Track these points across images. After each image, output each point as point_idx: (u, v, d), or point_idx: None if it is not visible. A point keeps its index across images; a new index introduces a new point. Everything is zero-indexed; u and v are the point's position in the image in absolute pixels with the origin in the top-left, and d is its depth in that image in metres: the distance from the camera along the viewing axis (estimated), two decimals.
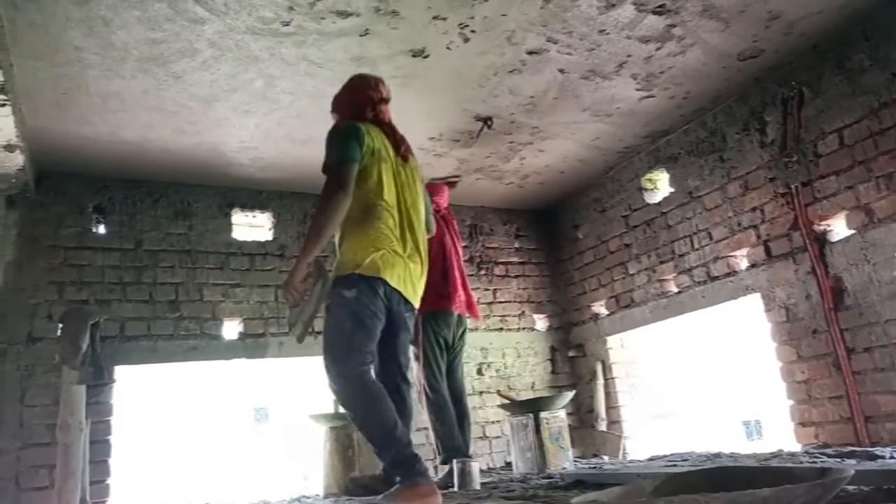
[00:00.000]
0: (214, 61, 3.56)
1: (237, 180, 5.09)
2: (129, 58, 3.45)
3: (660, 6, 3.48)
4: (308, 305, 2.47)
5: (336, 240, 2.54)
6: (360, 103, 2.75)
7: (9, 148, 3.76)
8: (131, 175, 4.81)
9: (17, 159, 3.92)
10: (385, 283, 2.41)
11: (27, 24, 3.09)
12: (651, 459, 4.16)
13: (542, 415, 3.95)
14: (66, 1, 2.96)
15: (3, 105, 3.30)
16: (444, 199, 4.09)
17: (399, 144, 2.72)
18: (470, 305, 3.89)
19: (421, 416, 5.32)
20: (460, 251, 4.02)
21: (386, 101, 2.82)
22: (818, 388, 3.98)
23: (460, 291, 3.81)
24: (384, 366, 2.64)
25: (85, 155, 4.44)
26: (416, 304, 2.61)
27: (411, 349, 3.60)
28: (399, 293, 2.48)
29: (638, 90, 4.37)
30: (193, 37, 3.33)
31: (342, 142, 2.51)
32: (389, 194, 2.54)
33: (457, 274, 3.84)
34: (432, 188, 4.03)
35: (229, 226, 5.15)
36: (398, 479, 2.30)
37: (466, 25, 3.48)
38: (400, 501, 2.21)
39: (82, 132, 4.16)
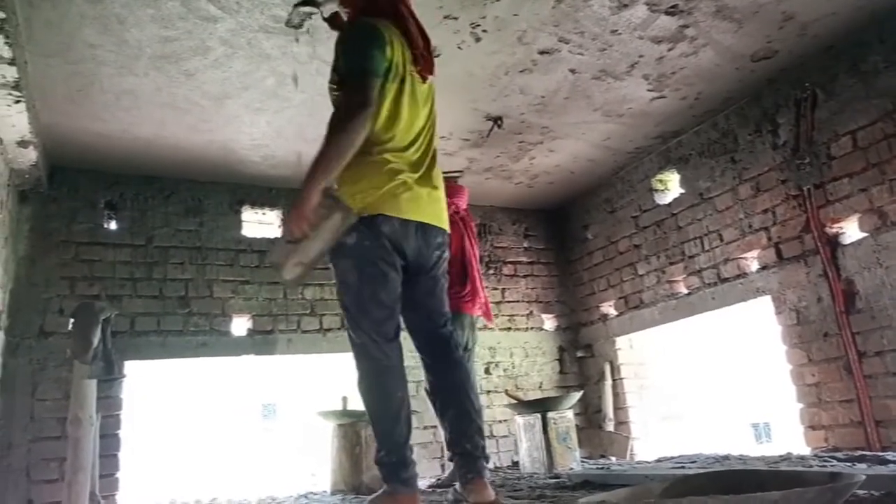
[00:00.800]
0: (227, 59, 3.57)
1: (248, 177, 5.11)
2: (142, 55, 3.47)
3: (672, 7, 3.47)
4: (313, 242, 1.97)
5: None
6: None
7: (22, 144, 3.79)
8: (143, 171, 4.84)
9: (31, 155, 3.95)
10: (388, 217, 2.01)
11: (42, 22, 3.11)
12: (659, 461, 4.15)
13: (550, 415, 3.95)
14: None
15: (18, 101, 3.33)
16: (464, 201, 4.07)
17: (419, 55, 2.17)
18: (486, 308, 3.89)
19: (428, 413, 5.34)
20: (477, 253, 4.01)
21: None
22: (829, 392, 3.95)
23: (480, 294, 3.81)
24: (416, 323, 2.22)
25: (97, 151, 4.48)
26: (444, 226, 2.17)
27: None
28: (415, 223, 2.06)
29: (649, 91, 4.35)
30: (206, 35, 3.35)
31: (363, 47, 2.01)
32: (400, 123, 2.08)
33: (476, 276, 3.83)
34: (451, 189, 4.02)
35: (239, 223, 5.17)
36: (382, 479, 2.11)
37: (478, 25, 3.48)
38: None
39: (95, 129, 4.19)
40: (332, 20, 2.31)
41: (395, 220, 2.02)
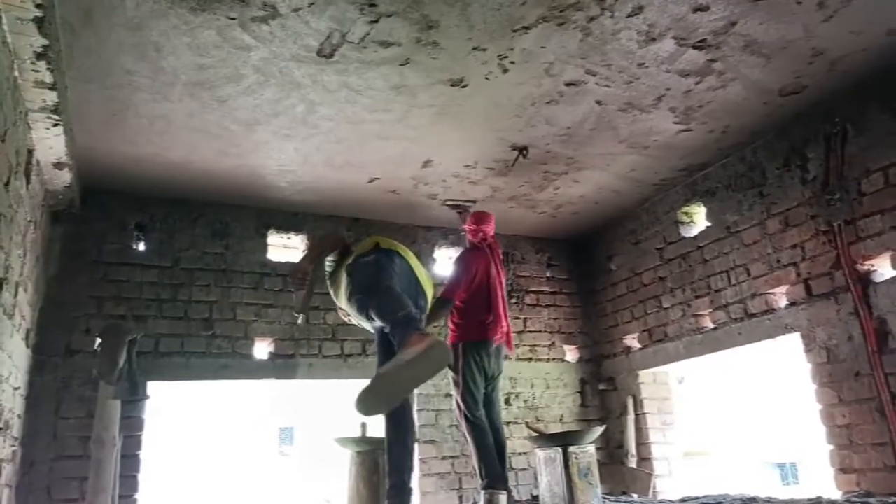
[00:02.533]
0: (258, 87, 3.65)
1: (274, 202, 5.17)
2: (177, 82, 3.56)
3: (700, 41, 3.47)
4: (309, 286, 3.26)
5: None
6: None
7: (58, 166, 3.89)
8: (173, 194, 4.93)
9: (65, 177, 4.05)
10: (387, 250, 3.17)
11: (83, 49, 3.21)
12: (683, 500, 4.04)
13: (571, 449, 3.87)
14: (121, 27, 3.08)
15: (56, 125, 3.43)
16: (491, 228, 4.06)
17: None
18: (508, 338, 3.85)
19: (446, 444, 5.29)
20: (503, 281, 3.99)
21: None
22: (860, 434, 3.83)
23: (503, 322, 3.77)
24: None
25: (130, 174, 4.57)
26: (395, 249, 3.20)
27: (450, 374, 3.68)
28: (392, 251, 3.19)
29: (676, 123, 4.34)
30: (240, 63, 3.42)
31: None
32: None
33: (500, 304, 3.81)
34: (481, 216, 4.02)
35: (264, 246, 5.22)
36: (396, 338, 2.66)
37: (506, 56, 3.52)
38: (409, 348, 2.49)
39: (128, 152, 4.28)
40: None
41: (388, 251, 3.25)
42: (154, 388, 4.51)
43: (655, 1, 3.15)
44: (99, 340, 3.43)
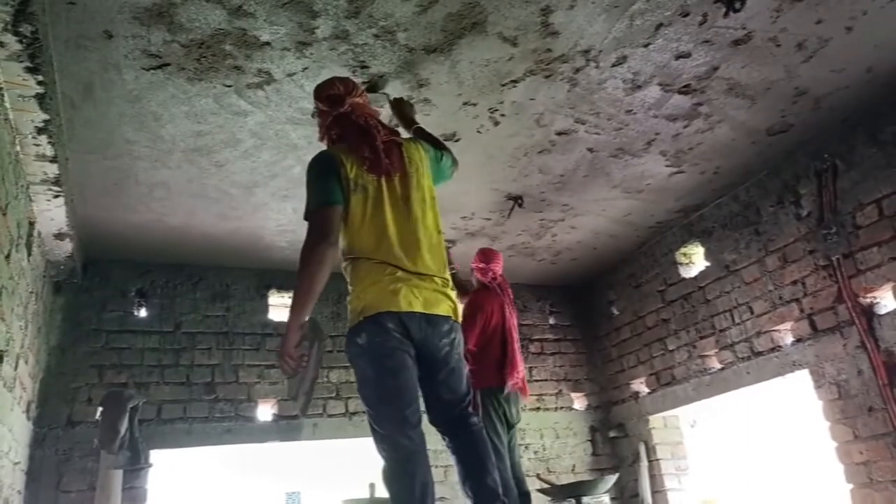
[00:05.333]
0: (255, 150, 3.72)
1: (274, 262, 5.20)
2: (175, 149, 3.63)
3: (685, 86, 3.56)
4: (307, 372, 2.23)
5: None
6: (326, 112, 2.54)
7: (59, 237, 3.93)
8: (173, 259, 4.96)
9: (67, 247, 4.09)
10: (391, 314, 2.10)
11: (83, 122, 3.29)
12: None
13: (585, 500, 3.79)
14: (120, 100, 3.16)
15: (57, 196, 3.48)
16: (500, 266, 4.01)
17: (379, 159, 2.34)
18: (523, 383, 3.73)
19: (457, 500, 5.15)
20: (516, 322, 3.89)
21: (350, 94, 2.53)
22: (879, 471, 3.74)
23: (519, 367, 3.67)
24: (435, 413, 2.27)
25: (130, 241, 4.61)
26: (447, 314, 2.22)
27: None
28: (417, 315, 2.14)
29: (667, 166, 4.40)
30: (236, 128, 3.50)
31: (318, 179, 2.31)
32: (378, 227, 2.24)
33: (516, 348, 3.71)
34: (488, 255, 3.98)
35: (266, 307, 5.22)
36: None
37: (496, 110, 3.60)
38: None
39: (128, 219, 4.33)
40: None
41: (397, 315, 2.12)
42: (157, 456, 4.43)
43: (638, 51, 3.24)
44: (100, 408, 3.39)
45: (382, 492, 3.83)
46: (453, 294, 2.30)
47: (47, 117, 2.82)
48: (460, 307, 2.35)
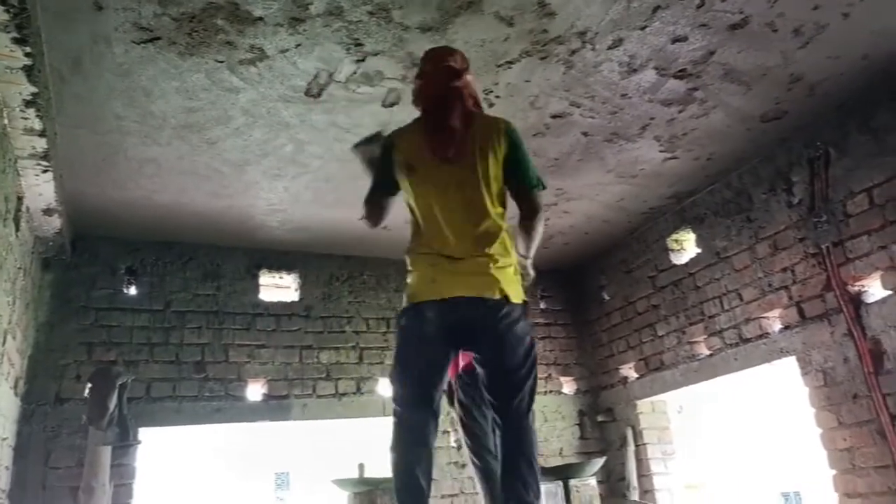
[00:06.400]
0: (247, 128, 3.68)
1: (265, 242, 5.17)
2: (166, 125, 3.59)
3: (681, 71, 3.54)
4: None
5: None
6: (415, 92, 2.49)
7: (48, 212, 3.89)
8: (163, 237, 4.92)
9: (55, 223, 4.05)
10: (431, 302, 2.16)
11: (72, 96, 3.24)
12: None
13: (572, 482, 3.81)
14: (110, 73, 3.11)
15: (45, 171, 3.44)
16: None
17: (439, 145, 2.28)
18: None
19: (446, 482, 5.19)
20: None
21: (430, 72, 2.40)
22: (862, 457, 3.79)
23: None
24: (491, 389, 2.23)
25: (119, 218, 4.57)
26: (492, 295, 2.15)
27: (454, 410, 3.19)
28: (463, 299, 2.14)
29: (661, 152, 4.40)
30: (228, 105, 3.46)
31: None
32: (424, 212, 2.28)
33: None
34: None
35: (256, 287, 5.20)
36: None
37: (491, 91, 3.57)
38: None
39: (118, 196, 4.29)
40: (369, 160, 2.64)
41: (436, 304, 2.16)
42: (146, 434, 4.43)
43: (634, 33, 3.22)
44: (89, 385, 3.38)
45: (371, 472, 3.86)
46: (506, 273, 2.22)
47: (35, 90, 2.78)
48: (516, 286, 2.25)
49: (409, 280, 2.30)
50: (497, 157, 2.33)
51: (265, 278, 5.28)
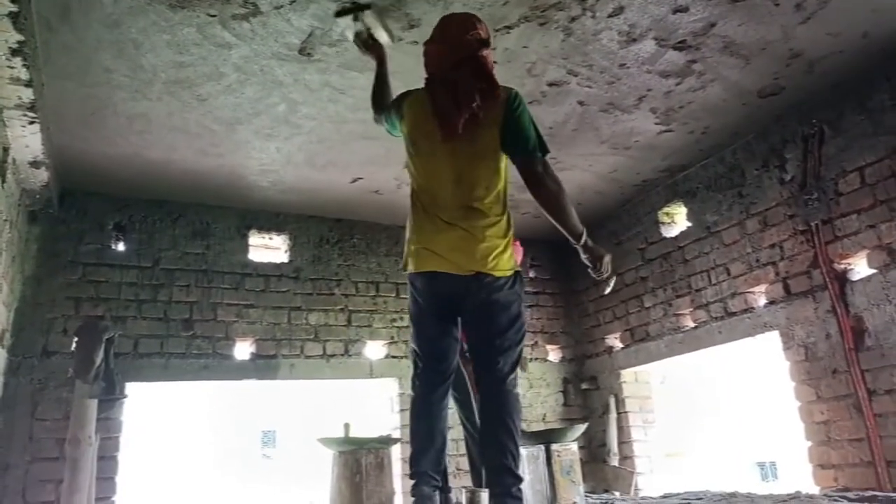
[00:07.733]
0: (239, 85, 3.62)
1: (256, 202, 5.14)
2: (156, 80, 3.52)
3: (680, 42, 3.51)
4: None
5: None
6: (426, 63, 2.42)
7: (35, 164, 3.83)
8: (152, 195, 4.87)
9: (42, 176, 3.99)
10: (419, 273, 2.23)
11: (60, 46, 3.17)
12: (664, 497, 4.06)
13: (554, 447, 3.87)
14: (99, 24, 3.04)
15: (32, 122, 3.37)
16: (519, 256, 4.00)
17: (450, 125, 2.22)
18: None
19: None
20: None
21: (443, 42, 2.36)
22: (838, 430, 3.89)
23: None
24: (477, 362, 2.30)
25: (108, 173, 4.52)
26: (476, 269, 2.17)
27: None
28: (444, 274, 2.17)
29: (657, 124, 4.38)
30: (220, 61, 3.40)
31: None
32: (425, 178, 2.29)
33: None
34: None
35: (246, 247, 5.19)
36: None
37: None
38: None
39: (107, 151, 4.23)
40: (363, 41, 2.96)
41: (425, 274, 2.23)
42: (133, 389, 4.46)
43: (636, 2, 3.17)
44: (76, 338, 3.38)
45: (356, 432, 3.91)
46: (492, 245, 2.25)
47: (22, 38, 2.71)
48: (504, 258, 2.29)
49: (408, 239, 2.35)
50: (495, 128, 2.32)
51: (255, 238, 5.26)
